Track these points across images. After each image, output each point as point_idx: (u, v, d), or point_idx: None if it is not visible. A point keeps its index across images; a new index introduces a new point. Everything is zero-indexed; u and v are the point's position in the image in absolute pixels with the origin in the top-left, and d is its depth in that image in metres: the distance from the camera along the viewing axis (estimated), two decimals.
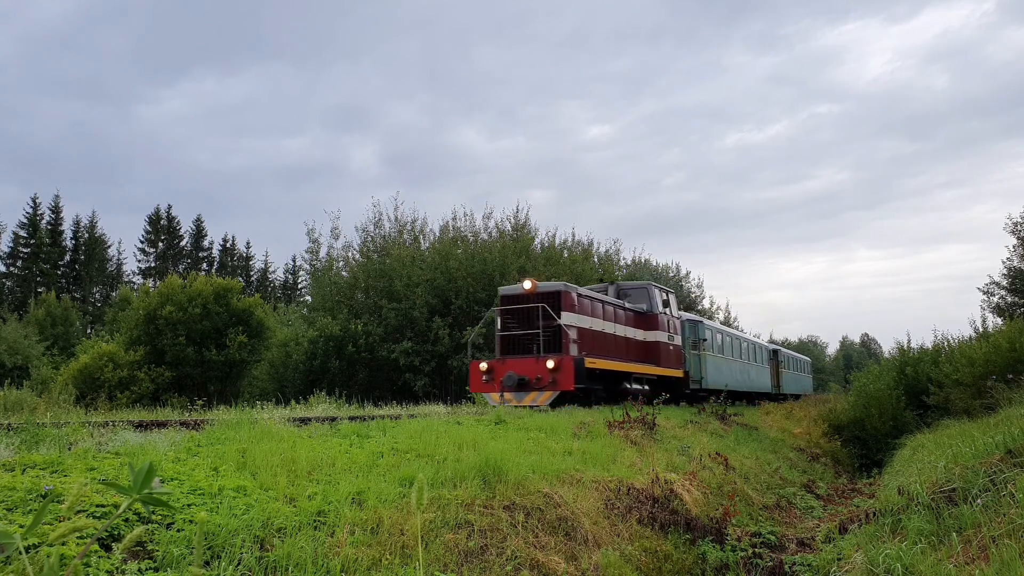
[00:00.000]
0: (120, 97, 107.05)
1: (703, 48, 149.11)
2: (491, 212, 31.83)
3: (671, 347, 19.72)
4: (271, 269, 76.47)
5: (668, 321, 19.74)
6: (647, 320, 19.16)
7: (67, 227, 61.15)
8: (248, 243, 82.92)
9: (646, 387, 17.58)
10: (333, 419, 8.62)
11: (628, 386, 16.58)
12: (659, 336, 19.20)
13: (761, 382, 31.48)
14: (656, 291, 19.96)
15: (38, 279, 57.47)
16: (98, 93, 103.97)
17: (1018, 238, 25.85)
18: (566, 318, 15.13)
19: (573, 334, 15.07)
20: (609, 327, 17.03)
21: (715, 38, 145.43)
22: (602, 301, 17.18)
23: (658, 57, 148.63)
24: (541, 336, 15.07)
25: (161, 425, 6.79)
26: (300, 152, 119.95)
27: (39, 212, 57.80)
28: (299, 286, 69.80)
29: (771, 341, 55.22)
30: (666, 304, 20.08)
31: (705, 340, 22.88)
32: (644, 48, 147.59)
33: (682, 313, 22.25)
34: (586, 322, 15.85)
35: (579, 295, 15.95)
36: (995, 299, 26.46)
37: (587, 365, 14.52)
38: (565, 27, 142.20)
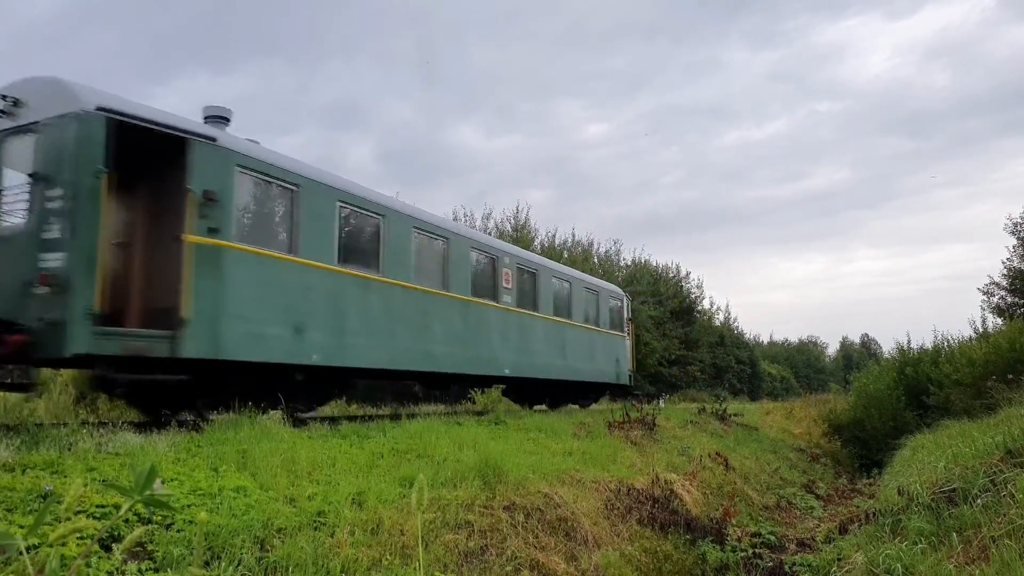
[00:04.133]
0: None
1: (701, 44, 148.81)
2: (491, 212, 31.96)
3: None
4: None
5: None
6: None
7: None
8: None
9: None
10: (333, 419, 8.63)
11: None
12: None
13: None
14: None
15: None
16: None
17: (1018, 238, 25.83)
18: None
19: None
20: None
21: (713, 34, 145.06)
22: None
23: (656, 54, 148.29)
24: None
25: (161, 425, 6.79)
26: (296, 150, 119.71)
27: None
28: None
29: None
30: None
31: None
32: (641, 45, 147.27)
33: None
34: None
35: None
36: (995, 299, 26.44)
37: None
38: (561, 23, 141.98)
